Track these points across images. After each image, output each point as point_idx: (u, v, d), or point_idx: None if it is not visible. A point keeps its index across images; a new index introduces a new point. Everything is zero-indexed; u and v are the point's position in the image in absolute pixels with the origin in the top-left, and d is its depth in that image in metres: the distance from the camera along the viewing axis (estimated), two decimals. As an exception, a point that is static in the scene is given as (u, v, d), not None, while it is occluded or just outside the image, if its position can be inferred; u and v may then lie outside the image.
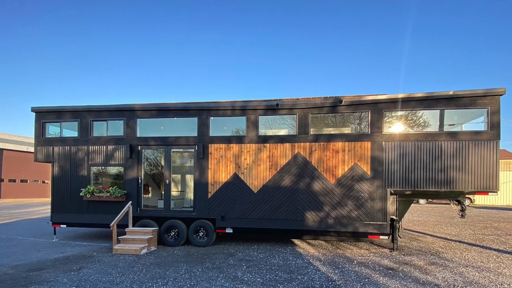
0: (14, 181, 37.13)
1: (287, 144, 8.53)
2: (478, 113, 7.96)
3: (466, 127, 8.47)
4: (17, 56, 79.19)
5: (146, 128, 9.69)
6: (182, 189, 10.67)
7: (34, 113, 9.88)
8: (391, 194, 8.18)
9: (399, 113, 8.28)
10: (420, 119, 8.37)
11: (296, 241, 9.57)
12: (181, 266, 6.71)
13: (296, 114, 8.52)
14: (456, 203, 8.73)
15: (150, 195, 10.60)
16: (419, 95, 7.90)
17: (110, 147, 9.45)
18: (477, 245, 9.08)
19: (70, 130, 9.99)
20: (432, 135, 7.88)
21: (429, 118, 8.20)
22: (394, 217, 8.24)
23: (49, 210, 9.91)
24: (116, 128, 9.63)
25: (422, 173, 7.88)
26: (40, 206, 24.68)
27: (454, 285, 5.44)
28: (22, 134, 37.80)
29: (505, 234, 11.26)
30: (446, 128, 8.01)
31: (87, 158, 9.55)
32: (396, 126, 8.35)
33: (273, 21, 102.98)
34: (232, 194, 8.75)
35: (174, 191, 10.10)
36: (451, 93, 7.72)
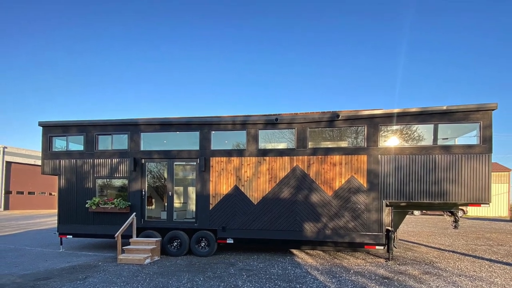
0: (22, 193, 37.29)
1: (286, 157, 8.80)
2: (471, 127, 8.15)
3: (459, 141, 8.67)
4: (26, 73, 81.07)
5: (149, 142, 9.97)
6: (185, 200, 10.89)
7: (41, 128, 10.15)
8: (387, 205, 8.40)
9: (395, 127, 8.50)
10: (415, 133, 8.57)
11: (295, 251, 9.74)
12: (184, 275, 6.90)
13: (294, 128, 8.79)
14: (450, 214, 8.90)
15: (153, 206, 10.80)
16: (414, 110, 8.13)
17: (114, 160, 9.73)
18: (470, 255, 9.26)
19: (76, 144, 10.26)
20: (426, 149, 8.10)
21: (423, 132, 8.40)
22: (389, 228, 8.46)
23: (56, 221, 10.13)
24: (120, 142, 9.91)
25: (416, 186, 8.08)
26: (47, 217, 24.77)
27: (446, 294, 5.63)
28: (29, 148, 38.08)
29: (496, 244, 11.41)
30: (440, 142, 8.20)
31: (92, 171, 9.82)
32: (391, 140, 8.56)
33: (273, 39, 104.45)
34: (233, 205, 8.99)
35: (177, 203, 10.31)
36: (444, 108, 7.93)
